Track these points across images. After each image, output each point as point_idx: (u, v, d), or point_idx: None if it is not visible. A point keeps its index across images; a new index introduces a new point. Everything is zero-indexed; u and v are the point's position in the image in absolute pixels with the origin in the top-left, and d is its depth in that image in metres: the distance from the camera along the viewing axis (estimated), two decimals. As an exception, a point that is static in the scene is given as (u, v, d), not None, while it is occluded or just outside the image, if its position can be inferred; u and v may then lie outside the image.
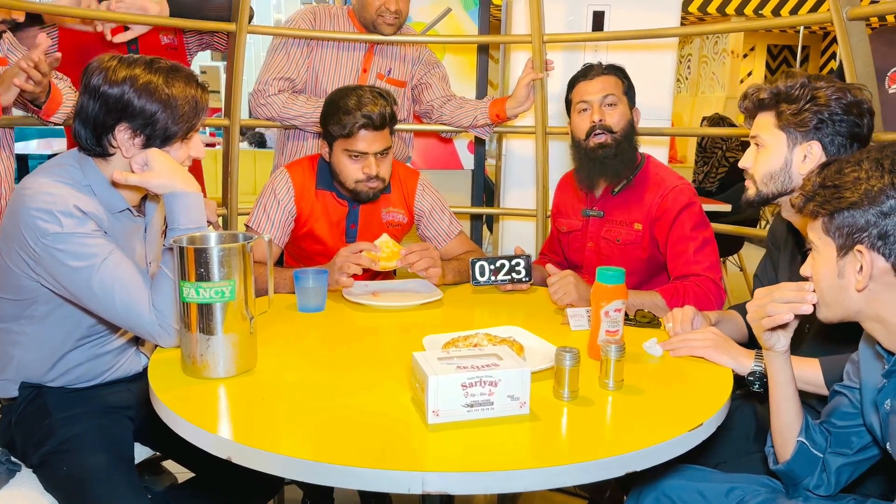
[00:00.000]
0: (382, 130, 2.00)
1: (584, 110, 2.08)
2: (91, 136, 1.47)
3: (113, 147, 1.48)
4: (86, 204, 1.44)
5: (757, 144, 1.57)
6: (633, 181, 2.08)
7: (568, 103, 2.16)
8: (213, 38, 2.63)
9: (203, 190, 1.94)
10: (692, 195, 2.02)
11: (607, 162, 2.04)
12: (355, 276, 1.94)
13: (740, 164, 1.61)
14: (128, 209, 1.55)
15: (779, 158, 1.52)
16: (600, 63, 2.11)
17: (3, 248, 1.49)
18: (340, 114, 1.97)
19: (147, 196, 1.61)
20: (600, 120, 2.04)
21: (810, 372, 1.40)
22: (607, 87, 2.06)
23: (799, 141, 1.50)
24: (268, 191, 2.12)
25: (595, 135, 2.04)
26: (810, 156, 1.49)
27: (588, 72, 2.09)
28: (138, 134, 1.46)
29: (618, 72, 2.10)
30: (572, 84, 2.13)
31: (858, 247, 1.09)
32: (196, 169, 2.36)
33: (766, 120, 1.55)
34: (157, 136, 1.47)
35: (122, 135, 1.46)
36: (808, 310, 1.20)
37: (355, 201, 2.11)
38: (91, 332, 1.56)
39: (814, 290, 1.19)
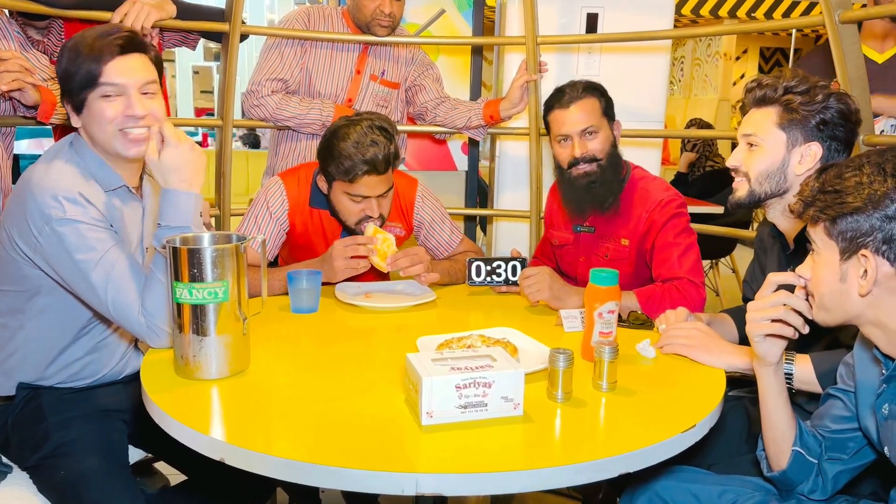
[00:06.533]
0: (386, 174, 1.93)
1: (564, 141, 1.99)
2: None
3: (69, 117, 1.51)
4: (88, 190, 1.45)
5: (750, 144, 1.54)
6: (620, 197, 2.02)
7: (546, 125, 2.05)
8: (188, 35, 2.57)
9: None
10: (679, 206, 1.97)
11: (593, 189, 1.98)
12: (354, 279, 1.94)
13: (728, 163, 1.58)
14: (124, 186, 1.55)
15: (776, 158, 1.51)
16: (574, 84, 1.98)
17: (5, 238, 1.49)
18: (340, 158, 1.87)
19: (143, 176, 1.61)
20: (582, 154, 1.96)
21: (802, 369, 1.40)
22: (585, 118, 1.95)
23: (799, 142, 1.49)
24: (261, 201, 2.05)
25: (578, 165, 1.97)
26: (807, 157, 1.48)
27: (562, 97, 1.97)
28: (65, 96, 1.49)
29: (594, 91, 1.98)
30: (548, 109, 2.02)
31: (863, 251, 1.07)
32: None
33: (764, 117, 1.52)
34: (67, 91, 1.48)
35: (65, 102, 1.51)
36: (803, 306, 1.20)
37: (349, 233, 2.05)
38: (90, 322, 1.56)
39: (805, 287, 1.19)
